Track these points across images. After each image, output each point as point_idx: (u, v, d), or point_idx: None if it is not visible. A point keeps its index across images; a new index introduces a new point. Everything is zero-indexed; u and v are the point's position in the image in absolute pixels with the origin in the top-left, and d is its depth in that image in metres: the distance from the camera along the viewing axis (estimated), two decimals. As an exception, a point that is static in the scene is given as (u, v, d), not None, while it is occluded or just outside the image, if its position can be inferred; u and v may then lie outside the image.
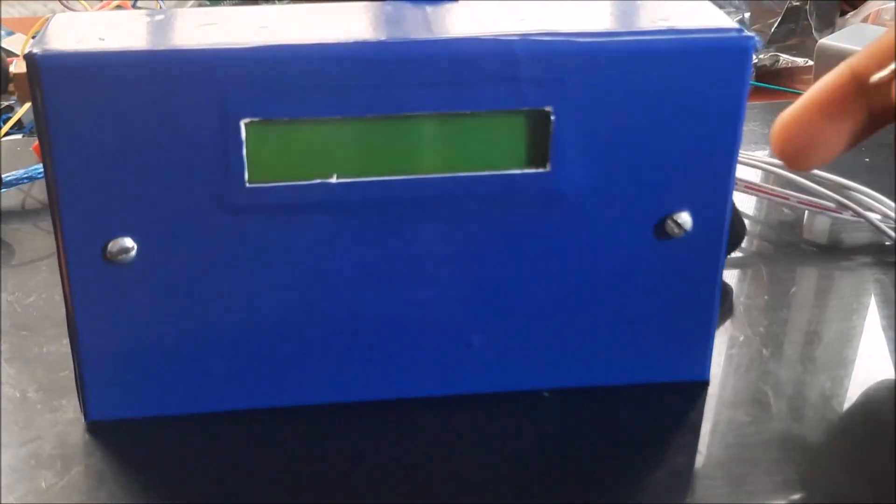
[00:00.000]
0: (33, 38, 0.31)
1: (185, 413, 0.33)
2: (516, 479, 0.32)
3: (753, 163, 0.47)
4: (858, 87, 0.31)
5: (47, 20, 0.31)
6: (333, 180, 0.31)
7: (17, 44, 0.67)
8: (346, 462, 0.32)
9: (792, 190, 0.46)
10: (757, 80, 0.63)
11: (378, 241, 0.32)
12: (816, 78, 0.32)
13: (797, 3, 0.69)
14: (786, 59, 0.67)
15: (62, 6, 0.67)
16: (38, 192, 0.49)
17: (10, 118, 0.57)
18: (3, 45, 0.66)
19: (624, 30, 0.31)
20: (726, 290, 0.41)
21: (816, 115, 0.31)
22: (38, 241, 0.45)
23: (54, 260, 0.33)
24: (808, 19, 0.69)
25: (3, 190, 0.48)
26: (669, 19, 0.31)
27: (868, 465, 0.32)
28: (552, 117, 0.31)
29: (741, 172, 0.46)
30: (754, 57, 0.31)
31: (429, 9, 0.32)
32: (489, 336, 0.34)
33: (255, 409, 0.34)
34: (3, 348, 0.37)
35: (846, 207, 0.45)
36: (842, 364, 0.37)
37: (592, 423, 0.34)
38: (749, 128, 0.54)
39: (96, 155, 0.29)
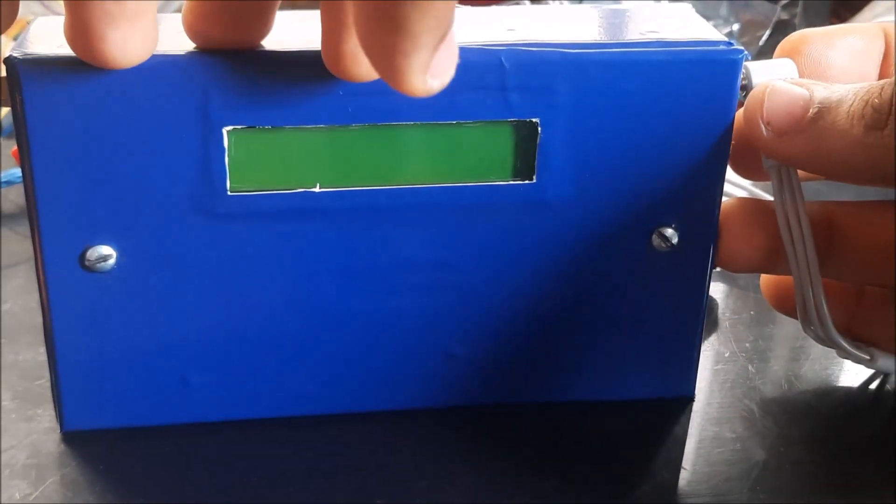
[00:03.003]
0: (14, 40, 0.30)
1: (162, 423, 0.33)
2: (498, 494, 0.31)
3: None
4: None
5: (28, 23, 0.31)
6: (316, 189, 0.30)
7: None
8: (324, 474, 0.32)
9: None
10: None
11: (361, 251, 0.32)
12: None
13: (786, 17, 0.69)
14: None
15: (43, 8, 0.66)
16: (16, 195, 0.49)
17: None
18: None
19: (612, 41, 0.30)
20: (712, 305, 0.41)
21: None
22: (14, 246, 0.45)
23: (31, 265, 0.32)
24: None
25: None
26: (658, 31, 0.31)
27: (854, 482, 0.32)
28: (539, 128, 0.30)
29: (728, 187, 0.46)
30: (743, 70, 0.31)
31: (416, 17, 0.32)
32: (472, 348, 0.33)
33: (233, 419, 0.33)
34: (-22, 355, 0.36)
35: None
36: (828, 381, 0.36)
37: (576, 438, 0.33)
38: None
39: (76, 161, 0.29)
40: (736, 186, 0.49)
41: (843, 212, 0.34)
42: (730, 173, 0.33)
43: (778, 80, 0.30)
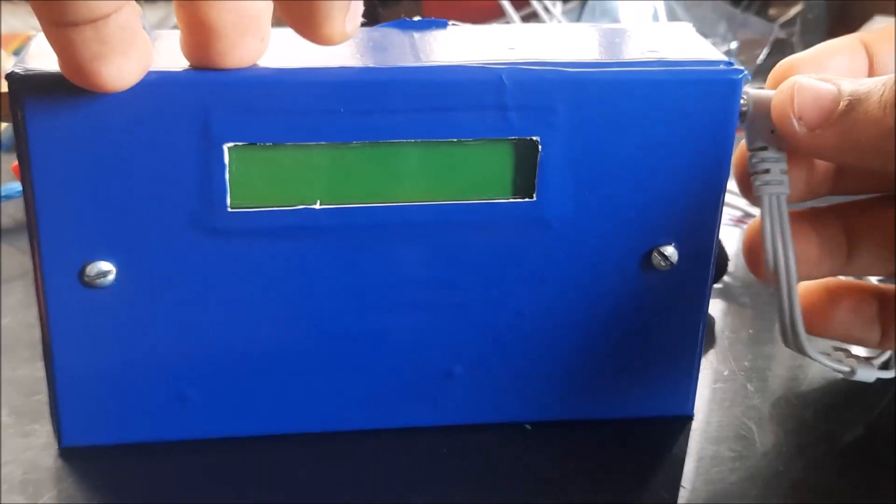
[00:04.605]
0: (14, 54, 0.30)
1: (160, 440, 0.33)
2: (497, 512, 0.31)
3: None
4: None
5: (30, 38, 0.31)
6: (317, 206, 0.30)
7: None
8: (322, 492, 0.32)
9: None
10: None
11: (361, 269, 0.32)
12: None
13: (783, 36, 0.69)
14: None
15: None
16: (14, 210, 0.49)
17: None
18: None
19: (612, 60, 0.30)
20: (710, 323, 0.41)
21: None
22: (12, 261, 0.45)
23: (29, 280, 0.32)
24: (794, 51, 0.70)
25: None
26: (658, 50, 0.31)
27: (854, 500, 0.32)
28: (539, 147, 0.30)
29: (728, 205, 0.46)
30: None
31: (416, 35, 0.32)
32: (470, 366, 0.33)
33: (231, 436, 0.33)
34: (-25, 370, 0.36)
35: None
36: (827, 399, 0.36)
37: (575, 457, 0.33)
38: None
39: (77, 176, 0.29)
40: (734, 207, 0.49)
41: (858, 209, 0.35)
42: (730, 191, 0.33)
43: (803, 77, 0.31)
